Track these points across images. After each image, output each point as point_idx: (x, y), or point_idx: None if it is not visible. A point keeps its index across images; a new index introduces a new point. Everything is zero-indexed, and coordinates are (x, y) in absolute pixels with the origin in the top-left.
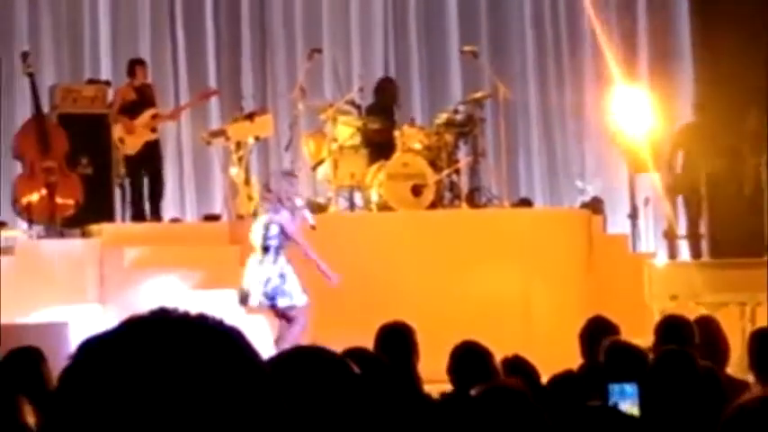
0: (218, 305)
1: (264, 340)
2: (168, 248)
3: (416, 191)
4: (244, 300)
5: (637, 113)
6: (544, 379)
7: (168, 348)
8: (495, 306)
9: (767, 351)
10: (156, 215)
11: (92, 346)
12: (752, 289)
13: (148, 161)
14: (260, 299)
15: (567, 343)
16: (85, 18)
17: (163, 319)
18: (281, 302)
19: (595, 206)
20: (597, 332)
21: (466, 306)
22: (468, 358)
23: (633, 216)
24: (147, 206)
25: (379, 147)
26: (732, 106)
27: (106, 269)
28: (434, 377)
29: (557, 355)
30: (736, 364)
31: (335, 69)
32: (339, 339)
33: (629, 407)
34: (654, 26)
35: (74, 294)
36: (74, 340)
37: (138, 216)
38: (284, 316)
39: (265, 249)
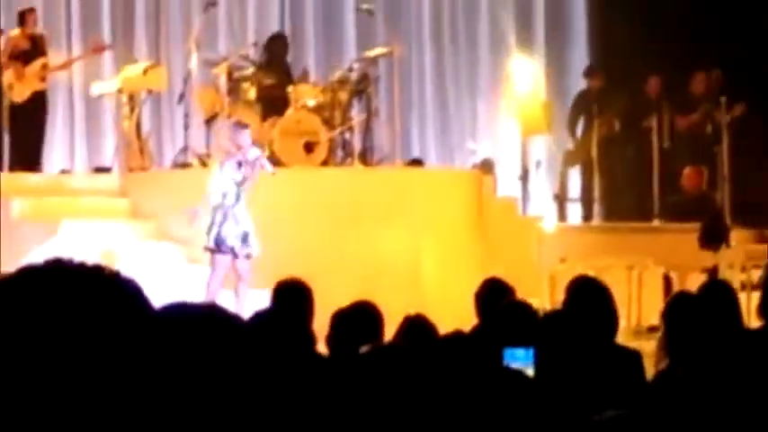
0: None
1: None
2: (57, 200)
3: (309, 148)
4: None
5: (530, 77)
6: None
7: (61, 297)
8: (386, 265)
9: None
10: (37, 165)
11: None
12: (640, 253)
13: (33, 111)
14: (235, 243)
15: (456, 304)
16: None
17: (57, 268)
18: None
19: (486, 168)
20: (493, 293)
21: (356, 265)
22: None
23: (524, 179)
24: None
25: (272, 102)
26: (626, 72)
27: None
28: (320, 335)
29: (446, 315)
30: (623, 331)
31: (230, 23)
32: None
33: (524, 369)
34: None
35: None
36: None
37: (21, 165)
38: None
39: (237, 197)
